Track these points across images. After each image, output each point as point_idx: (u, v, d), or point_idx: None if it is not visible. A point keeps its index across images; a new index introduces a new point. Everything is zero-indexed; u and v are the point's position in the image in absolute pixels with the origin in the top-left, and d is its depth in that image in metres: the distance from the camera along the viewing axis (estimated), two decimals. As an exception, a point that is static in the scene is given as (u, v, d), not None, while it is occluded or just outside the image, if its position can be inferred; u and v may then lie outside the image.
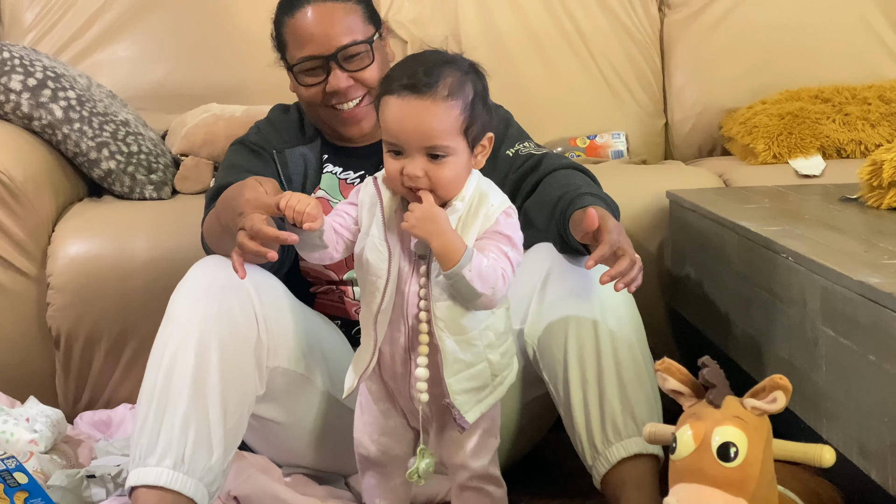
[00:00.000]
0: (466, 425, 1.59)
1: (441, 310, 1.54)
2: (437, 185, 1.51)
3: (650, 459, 1.73)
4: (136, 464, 1.66)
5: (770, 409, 1.34)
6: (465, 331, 1.56)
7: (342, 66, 1.92)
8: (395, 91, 1.51)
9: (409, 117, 1.50)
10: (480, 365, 1.59)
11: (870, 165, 2.01)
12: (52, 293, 2.29)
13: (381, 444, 1.68)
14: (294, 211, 1.50)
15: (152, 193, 2.51)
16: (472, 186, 1.55)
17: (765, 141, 2.74)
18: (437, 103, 1.50)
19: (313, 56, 1.92)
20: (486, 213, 1.54)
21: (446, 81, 1.51)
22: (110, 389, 2.35)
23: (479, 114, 1.54)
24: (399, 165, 1.51)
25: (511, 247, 1.54)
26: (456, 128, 1.51)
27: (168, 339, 1.70)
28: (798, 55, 3.07)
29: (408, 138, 1.50)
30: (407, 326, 1.57)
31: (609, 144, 2.92)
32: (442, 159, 1.51)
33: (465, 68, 1.55)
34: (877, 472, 1.40)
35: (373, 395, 1.66)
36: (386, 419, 1.67)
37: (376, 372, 1.62)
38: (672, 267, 2.38)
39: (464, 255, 1.48)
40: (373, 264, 1.56)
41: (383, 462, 1.69)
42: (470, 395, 1.59)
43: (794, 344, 1.66)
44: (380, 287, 1.56)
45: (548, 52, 3.07)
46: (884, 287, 1.36)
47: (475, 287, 1.49)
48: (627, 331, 1.76)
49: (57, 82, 2.47)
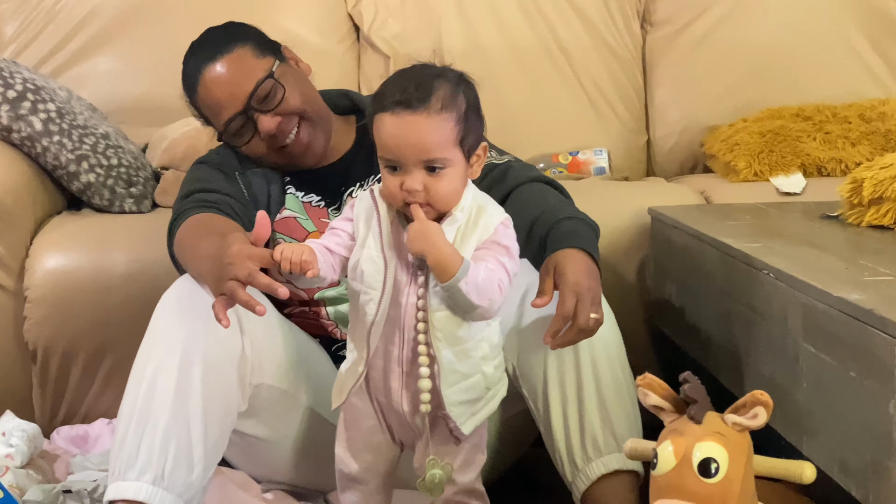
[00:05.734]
0: (463, 436, 1.59)
1: (439, 320, 1.54)
2: (437, 197, 1.51)
3: (630, 476, 1.72)
4: (116, 478, 1.64)
5: (751, 425, 1.34)
6: (462, 341, 1.56)
7: (261, 109, 1.90)
8: (388, 108, 1.51)
9: (404, 133, 1.50)
10: (475, 377, 1.59)
11: (850, 183, 2.02)
12: (30, 307, 2.27)
13: (365, 461, 1.67)
14: (290, 262, 1.49)
15: (132, 207, 2.50)
16: (469, 197, 1.56)
17: (746, 158, 2.75)
18: (432, 117, 1.50)
19: (232, 117, 1.90)
20: (485, 224, 1.54)
21: (439, 94, 1.51)
22: (87, 404, 2.33)
23: (472, 124, 1.55)
24: (398, 181, 1.51)
25: (509, 257, 1.55)
26: (451, 139, 1.52)
27: (151, 353, 1.69)
28: (779, 74, 3.08)
29: (405, 154, 1.50)
30: (402, 338, 1.56)
31: (591, 161, 2.92)
32: (440, 171, 1.51)
33: (455, 80, 1.55)
34: (857, 489, 1.39)
35: (358, 411, 1.64)
36: (371, 436, 1.65)
37: (363, 388, 1.61)
38: (653, 283, 2.38)
39: (460, 268, 1.48)
40: (368, 276, 1.55)
41: (365, 479, 1.68)
42: (465, 408, 1.59)
43: (774, 360, 1.66)
44: (374, 299, 1.55)
45: (530, 68, 3.08)
46: (865, 304, 1.36)
47: (472, 300, 1.49)
48: (608, 347, 1.76)
49: (37, 94, 2.46)
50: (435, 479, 1.59)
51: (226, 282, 1.49)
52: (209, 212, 1.83)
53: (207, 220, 1.80)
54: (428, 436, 1.60)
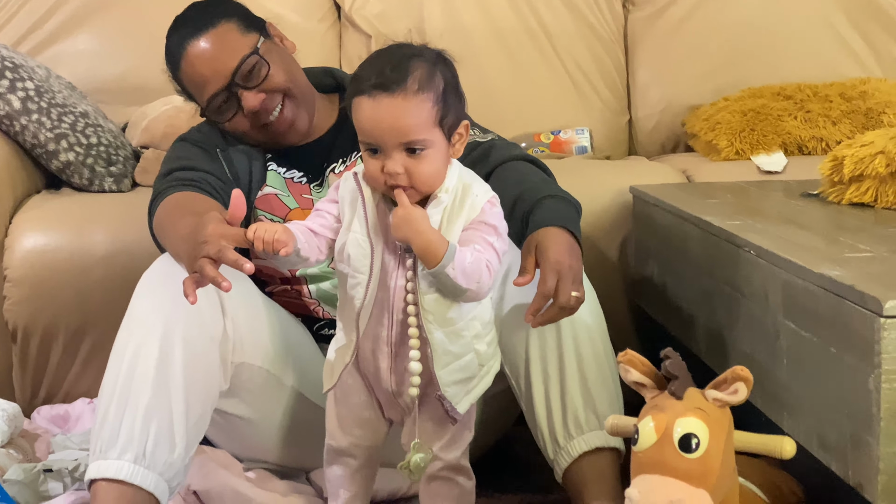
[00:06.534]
0: (459, 416, 1.59)
1: (429, 303, 1.53)
2: (419, 179, 1.50)
3: (611, 453, 1.73)
4: (97, 456, 1.64)
5: (731, 401, 1.34)
6: (453, 322, 1.55)
7: (245, 86, 1.88)
8: (365, 91, 1.50)
9: (382, 116, 1.49)
10: (468, 356, 1.58)
11: (831, 161, 2.02)
12: (9, 286, 2.26)
13: (354, 435, 1.66)
14: (263, 241, 1.49)
15: (112, 186, 2.49)
16: (454, 177, 1.55)
17: (727, 137, 2.76)
18: (409, 98, 1.49)
19: (216, 93, 1.89)
20: (471, 204, 1.54)
21: (415, 75, 1.50)
22: (68, 384, 2.32)
23: (451, 103, 1.53)
24: (378, 164, 1.51)
25: (497, 236, 1.54)
26: (430, 120, 1.50)
27: (132, 332, 1.68)
28: (761, 53, 3.08)
29: (384, 137, 1.49)
30: (391, 321, 1.56)
31: (573, 140, 2.92)
32: (420, 153, 1.50)
33: (432, 59, 1.54)
34: (837, 465, 1.40)
35: (348, 387, 1.64)
36: (361, 411, 1.65)
37: (354, 365, 1.61)
38: (635, 262, 2.39)
39: (446, 253, 1.47)
40: (355, 260, 1.55)
41: (353, 453, 1.68)
42: (459, 387, 1.58)
43: (755, 337, 1.67)
44: (362, 283, 1.55)
45: (512, 48, 3.07)
46: (845, 280, 1.37)
47: (460, 284, 1.49)
48: (589, 326, 1.76)
49: (15, 73, 2.44)
50: (418, 464, 1.59)
51: (198, 260, 1.48)
52: (188, 190, 1.82)
53: (185, 200, 1.79)
54: (416, 416, 1.60)
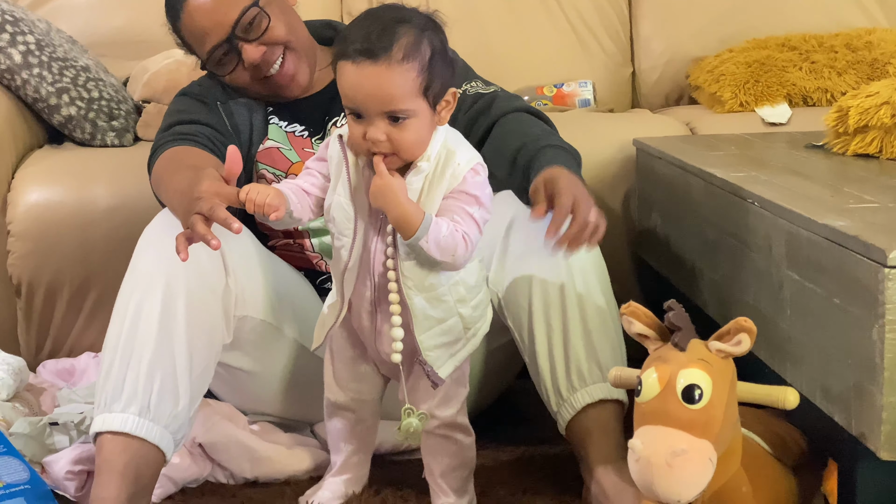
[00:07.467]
0: (440, 381, 1.59)
1: (408, 269, 1.53)
2: (400, 147, 1.49)
3: (615, 405, 1.73)
4: (102, 410, 1.65)
5: (735, 352, 1.35)
6: (434, 288, 1.55)
7: (246, 38, 1.87)
8: (350, 56, 1.47)
9: (365, 84, 1.46)
10: (452, 320, 1.58)
11: (836, 112, 2.01)
12: (13, 241, 2.26)
13: (352, 389, 1.68)
14: (255, 204, 1.48)
15: (114, 140, 2.48)
16: (437, 144, 1.52)
17: (731, 89, 2.74)
18: (393, 67, 1.46)
19: (216, 45, 1.87)
20: (452, 173, 1.51)
21: (401, 43, 1.47)
22: (73, 338, 2.33)
23: (438, 71, 1.50)
24: (361, 129, 1.49)
25: (478, 206, 1.52)
26: (414, 90, 1.48)
27: (134, 287, 1.68)
28: (765, 3, 3.07)
29: (367, 104, 1.47)
30: (373, 282, 1.56)
31: (576, 93, 2.91)
32: (403, 122, 1.48)
33: (421, 25, 1.50)
34: (840, 415, 1.41)
35: (344, 341, 1.65)
36: (356, 365, 1.66)
37: (347, 320, 1.61)
38: (638, 215, 2.38)
39: (420, 226, 1.46)
40: (339, 223, 1.55)
41: (352, 407, 1.69)
42: (442, 350, 1.58)
43: (759, 289, 1.67)
44: (346, 245, 1.55)
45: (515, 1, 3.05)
46: (849, 230, 1.36)
47: (434, 256, 1.49)
48: (592, 278, 1.76)
49: (15, 26, 2.42)
50: (410, 429, 1.59)
51: (191, 216, 1.48)
52: (186, 144, 1.81)
53: (183, 154, 1.79)
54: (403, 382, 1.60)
